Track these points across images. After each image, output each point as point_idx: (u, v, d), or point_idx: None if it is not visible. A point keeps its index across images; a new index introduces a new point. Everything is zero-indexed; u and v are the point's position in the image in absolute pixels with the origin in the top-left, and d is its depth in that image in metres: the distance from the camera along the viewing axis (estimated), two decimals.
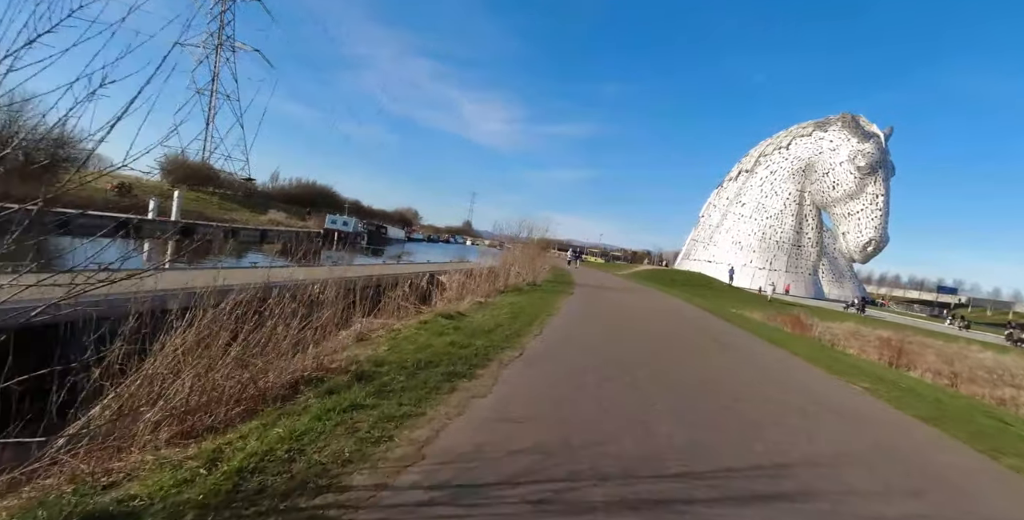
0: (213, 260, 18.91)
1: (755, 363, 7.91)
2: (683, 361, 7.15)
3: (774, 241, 44.91)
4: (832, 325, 19.27)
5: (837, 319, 21.87)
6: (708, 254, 48.91)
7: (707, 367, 6.94)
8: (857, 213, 39.96)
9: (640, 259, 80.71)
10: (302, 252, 7.56)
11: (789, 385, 6.50)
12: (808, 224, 44.78)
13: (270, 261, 21.85)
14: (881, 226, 39.10)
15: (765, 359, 8.46)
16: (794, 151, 44.40)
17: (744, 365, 7.59)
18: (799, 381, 6.88)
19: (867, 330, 19.48)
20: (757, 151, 48.63)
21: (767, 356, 8.78)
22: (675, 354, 7.63)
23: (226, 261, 20.22)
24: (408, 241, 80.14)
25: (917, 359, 11.97)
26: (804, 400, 5.64)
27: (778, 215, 44.97)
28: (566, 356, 6.25)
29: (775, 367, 7.79)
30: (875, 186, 39.29)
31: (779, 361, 8.44)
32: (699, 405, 4.86)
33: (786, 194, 44.79)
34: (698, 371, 6.53)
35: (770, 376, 6.99)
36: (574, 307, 11.48)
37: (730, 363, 7.53)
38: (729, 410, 4.78)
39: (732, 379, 6.36)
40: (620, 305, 14.51)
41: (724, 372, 6.75)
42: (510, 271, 15.11)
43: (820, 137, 42.42)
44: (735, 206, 47.82)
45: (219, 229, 33.70)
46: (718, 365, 7.21)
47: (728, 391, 5.59)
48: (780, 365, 8.01)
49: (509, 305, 10.03)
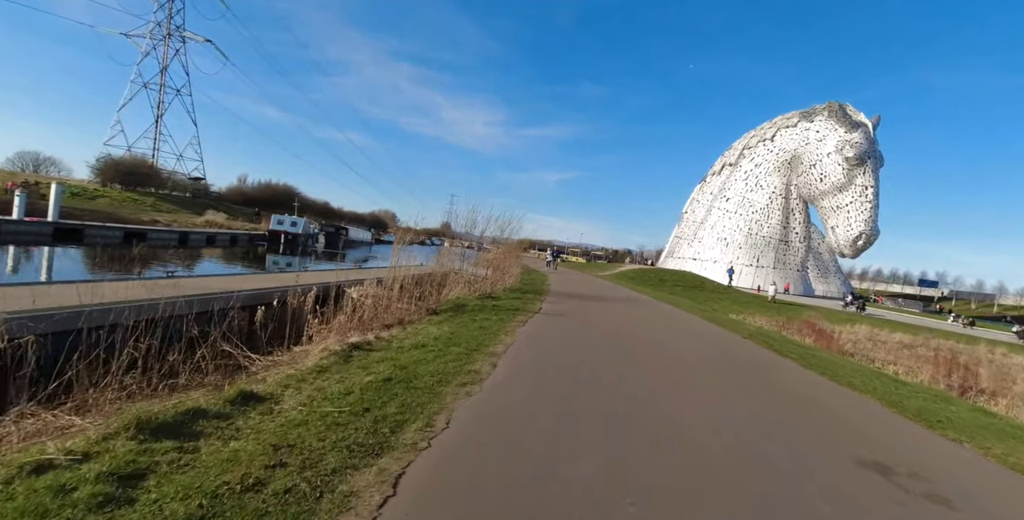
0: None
1: (820, 417, 5.20)
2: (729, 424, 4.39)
3: (761, 237, 43.06)
4: (844, 329, 16.95)
5: (844, 321, 19.61)
6: (693, 251, 46.88)
7: (760, 420, 4.17)
8: (846, 206, 38.24)
9: (621, 258, 78.63)
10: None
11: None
12: (795, 218, 43.06)
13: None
14: (871, 219, 37.43)
15: (827, 403, 5.77)
16: (779, 143, 42.62)
17: (808, 422, 4.86)
18: (919, 463, 4.13)
19: (884, 334, 17.23)
20: (741, 144, 46.82)
21: (826, 397, 6.10)
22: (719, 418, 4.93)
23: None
24: (377, 243, 76.02)
25: (987, 381, 9.54)
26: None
27: (764, 210, 43.13)
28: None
29: (854, 424, 5.07)
30: (864, 177, 37.62)
31: (846, 406, 5.78)
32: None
33: (772, 188, 42.98)
34: (749, 432, 3.75)
35: (861, 450, 4.23)
36: (535, 338, 7.40)
37: (787, 415, 4.80)
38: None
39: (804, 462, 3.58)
40: (608, 329, 9.24)
41: (786, 436, 3.98)
42: (457, 277, 12.26)
43: (806, 127, 40.68)
44: (719, 201, 45.87)
45: (116, 232, 29.06)
46: (773, 419, 4.46)
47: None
48: (856, 416, 5.34)
49: (414, 348, 6.17)
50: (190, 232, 35.43)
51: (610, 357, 6.87)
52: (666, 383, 5.79)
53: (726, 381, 6.26)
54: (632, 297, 18.90)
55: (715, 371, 6.76)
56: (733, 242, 43.80)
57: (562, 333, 8.37)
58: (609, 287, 21.72)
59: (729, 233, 44.19)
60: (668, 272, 31.93)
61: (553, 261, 40.36)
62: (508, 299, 11.79)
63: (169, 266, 22.26)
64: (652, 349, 7.76)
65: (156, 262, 22.77)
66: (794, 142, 41.37)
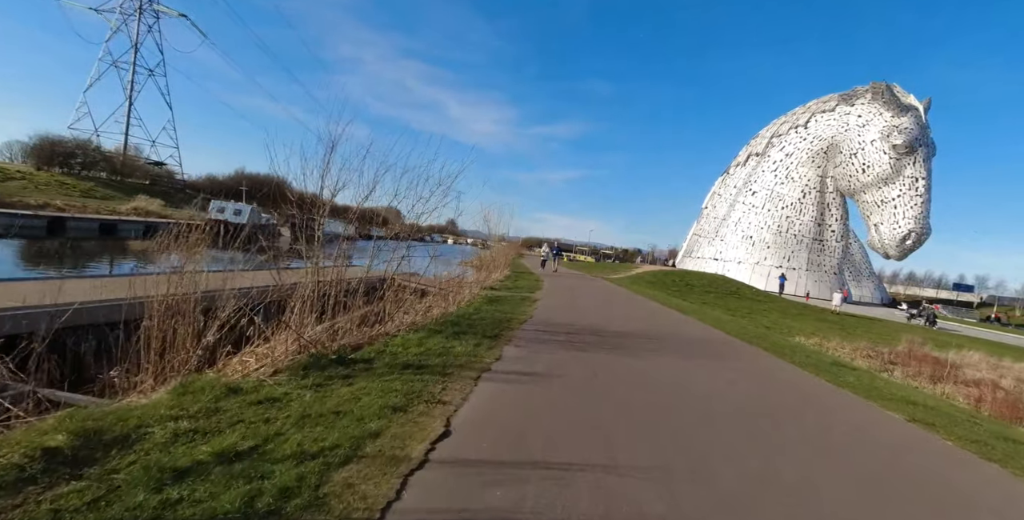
0: None
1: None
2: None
3: (792, 235, 38.50)
4: (957, 359, 12.52)
5: (941, 343, 15.14)
6: (714, 251, 42.38)
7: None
8: (893, 200, 33.65)
9: (632, 257, 74.06)
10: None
11: None
12: (831, 215, 38.45)
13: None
14: (922, 215, 32.87)
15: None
16: (814, 129, 38.01)
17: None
18: None
19: (1007, 363, 12.84)
20: (769, 131, 42.25)
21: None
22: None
23: None
24: (364, 239, 71.01)
25: None
26: None
27: (795, 205, 38.56)
28: None
29: None
30: (914, 168, 33.03)
31: None
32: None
33: (805, 180, 38.39)
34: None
35: None
36: None
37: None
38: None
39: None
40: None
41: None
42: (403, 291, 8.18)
43: (846, 112, 36.06)
44: (744, 195, 41.32)
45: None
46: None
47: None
48: None
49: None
50: (67, 219, 29.05)
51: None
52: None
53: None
54: (661, 312, 14.35)
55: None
56: (760, 241, 39.27)
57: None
58: (626, 297, 17.18)
59: (755, 230, 39.65)
60: (694, 275, 27.59)
61: (553, 260, 31.02)
62: (440, 344, 6.29)
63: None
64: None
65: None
66: (831, 128, 36.78)
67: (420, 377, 4.69)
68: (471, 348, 6.12)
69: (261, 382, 4.09)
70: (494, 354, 6.03)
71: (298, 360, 4.77)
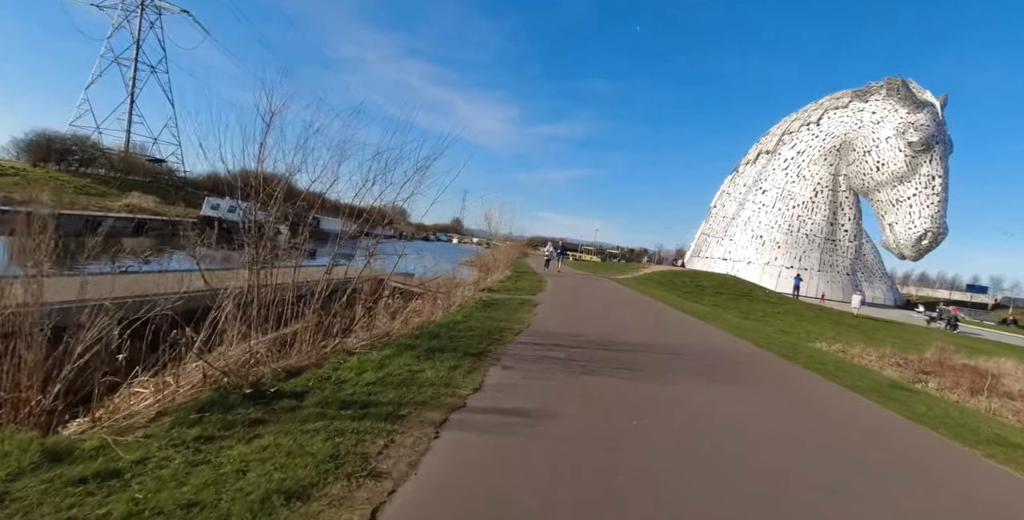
0: None
1: None
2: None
3: (803, 235, 37.62)
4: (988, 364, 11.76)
5: (968, 348, 14.38)
6: (723, 250, 41.57)
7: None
8: (908, 199, 32.76)
9: (638, 257, 73.25)
10: None
11: None
12: (844, 214, 37.55)
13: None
14: (939, 214, 31.96)
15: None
16: (826, 127, 37.14)
17: None
18: None
19: None
20: (780, 129, 41.37)
21: None
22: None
23: None
24: (366, 237, 70.23)
25: None
26: None
27: (807, 204, 37.69)
28: None
29: None
30: (930, 166, 32.12)
31: None
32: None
33: (817, 178, 37.52)
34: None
35: None
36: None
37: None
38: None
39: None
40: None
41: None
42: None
43: (859, 108, 35.17)
44: (754, 194, 40.48)
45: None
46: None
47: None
48: None
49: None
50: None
51: None
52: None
53: None
54: (675, 317, 13.59)
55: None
56: (770, 240, 38.42)
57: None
58: (638, 301, 16.44)
59: (766, 230, 38.81)
60: (704, 276, 26.86)
61: (557, 259, 29.32)
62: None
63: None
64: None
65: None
66: (844, 125, 35.92)
67: (359, 424, 3.40)
68: (445, 372, 4.88)
69: (103, 443, 2.73)
70: (473, 381, 4.75)
71: (198, 397, 3.58)
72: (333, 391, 4.00)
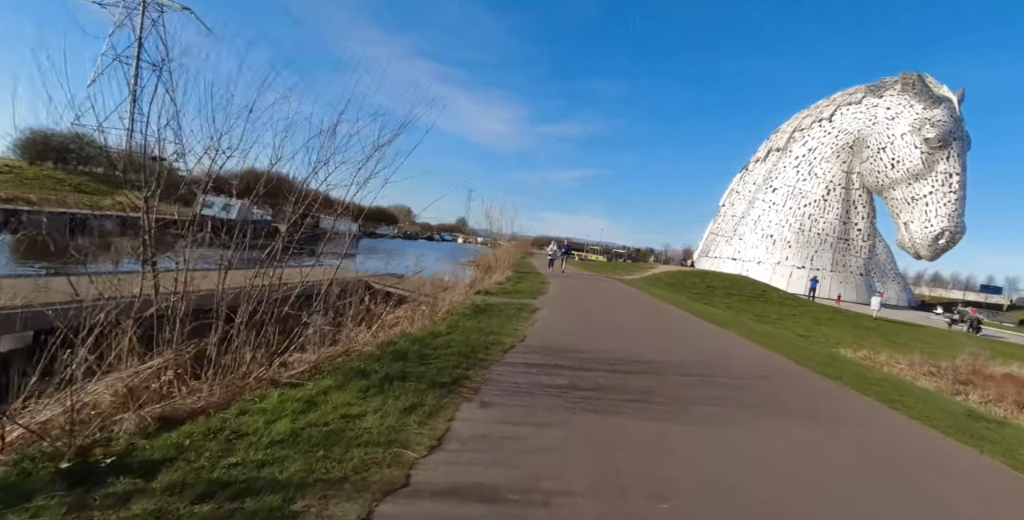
0: None
1: None
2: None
3: (815, 234, 36.77)
4: None
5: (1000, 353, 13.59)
6: (732, 250, 40.77)
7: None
8: (924, 197, 31.81)
9: (644, 257, 72.39)
10: None
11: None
12: (857, 213, 36.65)
13: None
14: (956, 213, 30.99)
15: None
16: (839, 123, 36.25)
17: None
18: None
19: None
20: (791, 125, 40.51)
21: None
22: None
23: None
24: (369, 237, 69.92)
25: None
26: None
27: (819, 202, 36.83)
28: None
29: None
30: (947, 163, 31.17)
31: None
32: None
33: (829, 176, 36.65)
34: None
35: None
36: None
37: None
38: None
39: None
40: None
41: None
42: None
43: (873, 104, 34.25)
44: (764, 192, 39.64)
45: None
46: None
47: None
48: None
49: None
50: (22, 212, 27.34)
51: None
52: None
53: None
54: (699, 327, 12.65)
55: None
56: (781, 240, 37.58)
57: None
58: (650, 306, 15.53)
59: (776, 229, 37.97)
60: (715, 276, 26.13)
61: (561, 258, 28.47)
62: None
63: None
64: None
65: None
66: (858, 122, 35.00)
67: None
68: (395, 418, 3.52)
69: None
70: (433, 431, 3.41)
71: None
72: (211, 459, 2.65)
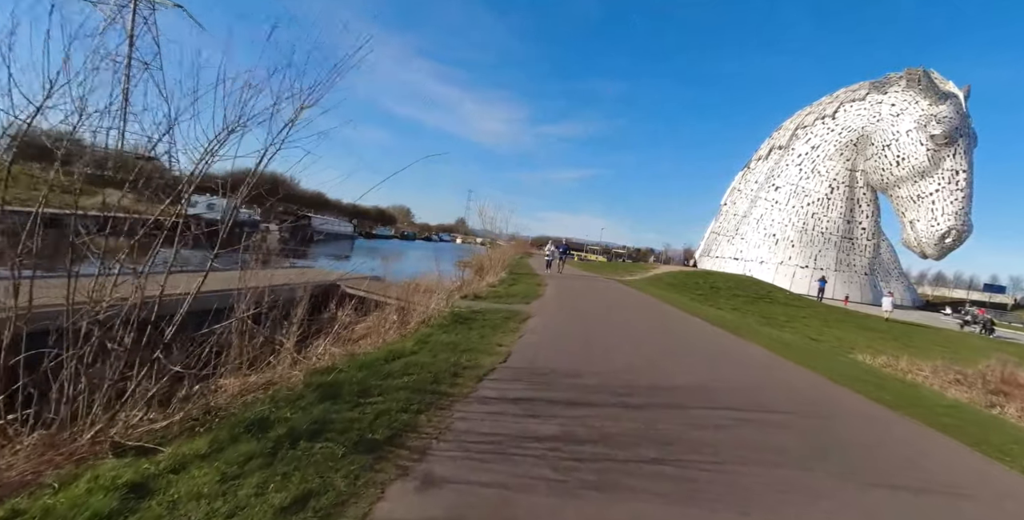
0: None
1: None
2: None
3: (818, 233, 36.14)
4: None
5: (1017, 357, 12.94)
6: (734, 250, 40.12)
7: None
8: (930, 195, 31.24)
9: (644, 257, 71.74)
10: None
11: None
12: (861, 211, 36.03)
13: None
14: (963, 211, 30.45)
15: None
16: (843, 120, 35.63)
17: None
18: None
19: None
20: (793, 123, 39.88)
21: None
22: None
23: None
24: (366, 237, 69.02)
25: None
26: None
27: (822, 200, 36.20)
28: None
29: None
30: (954, 160, 30.59)
31: None
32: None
33: (832, 174, 36.03)
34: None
35: None
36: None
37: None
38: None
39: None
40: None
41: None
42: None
43: (878, 100, 33.64)
44: (767, 191, 39.00)
45: None
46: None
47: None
48: None
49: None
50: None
51: None
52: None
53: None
54: (708, 332, 11.84)
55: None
56: (784, 239, 36.94)
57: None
58: (655, 313, 14.81)
59: (779, 228, 37.33)
60: (718, 277, 25.44)
61: (559, 259, 27.28)
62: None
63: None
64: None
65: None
66: (862, 119, 34.38)
67: None
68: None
69: None
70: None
71: None
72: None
